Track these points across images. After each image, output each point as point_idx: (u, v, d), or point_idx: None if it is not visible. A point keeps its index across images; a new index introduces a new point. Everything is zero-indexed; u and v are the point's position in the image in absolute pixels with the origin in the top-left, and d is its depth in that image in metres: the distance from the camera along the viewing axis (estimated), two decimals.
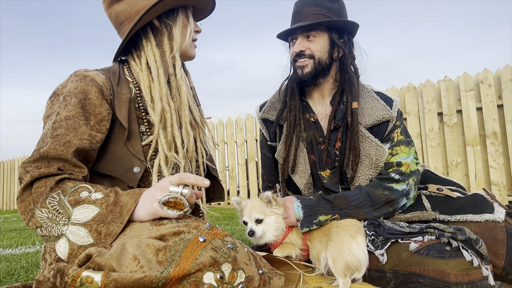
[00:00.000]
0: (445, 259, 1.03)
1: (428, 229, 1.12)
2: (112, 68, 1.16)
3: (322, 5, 1.41)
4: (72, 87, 1.04)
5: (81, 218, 0.87)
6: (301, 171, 1.48)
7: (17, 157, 9.91)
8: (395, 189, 1.31)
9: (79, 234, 0.86)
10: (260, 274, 0.80)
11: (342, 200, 1.31)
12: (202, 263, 0.72)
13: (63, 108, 1.01)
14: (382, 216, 1.32)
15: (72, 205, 0.88)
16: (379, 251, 1.15)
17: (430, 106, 4.43)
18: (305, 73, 1.43)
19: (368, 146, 1.38)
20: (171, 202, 0.90)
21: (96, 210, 0.88)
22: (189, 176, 0.93)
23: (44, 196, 0.90)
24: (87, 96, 1.03)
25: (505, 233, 1.11)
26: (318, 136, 1.48)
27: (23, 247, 2.60)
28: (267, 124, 1.60)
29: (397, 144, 1.40)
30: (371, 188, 1.33)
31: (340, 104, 1.47)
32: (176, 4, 1.14)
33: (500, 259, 1.09)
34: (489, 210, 1.19)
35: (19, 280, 1.59)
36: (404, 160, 1.36)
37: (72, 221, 0.87)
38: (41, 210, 0.89)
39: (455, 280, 1.00)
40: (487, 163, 4.17)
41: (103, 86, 1.07)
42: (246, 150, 5.94)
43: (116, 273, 0.70)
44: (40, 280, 0.76)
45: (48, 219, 0.88)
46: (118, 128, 1.08)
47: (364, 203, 1.30)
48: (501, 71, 4.14)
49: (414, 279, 1.06)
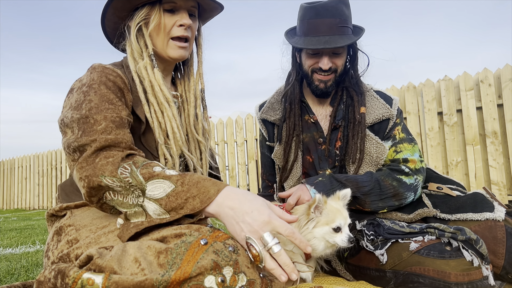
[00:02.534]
0: (445, 259, 1.03)
1: (429, 229, 1.12)
2: (124, 63, 1.14)
3: (343, 14, 1.37)
4: (95, 76, 1.01)
5: (155, 194, 0.84)
6: (293, 174, 1.49)
7: (17, 156, 9.91)
8: (403, 181, 1.32)
9: (154, 210, 0.85)
10: (262, 277, 0.80)
11: (352, 183, 1.30)
12: (203, 266, 0.72)
13: (94, 95, 0.98)
14: (386, 208, 1.32)
15: (146, 179, 0.85)
16: (379, 251, 1.15)
17: (430, 106, 4.43)
18: (328, 86, 1.44)
19: (368, 144, 1.40)
20: (250, 248, 0.78)
21: (172, 186, 0.85)
22: (297, 236, 0.81)
23: (114, 166, 0.85)
24: (115, 83, 1.02)
25: (505, 232, 1.11)
26: (318, 136, 1.49)
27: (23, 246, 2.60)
28: (266, 124, 1.61)
29: (399, 141, 1.41)
30: (382, 176, 1.33)
31: (340, 104, 1.48)
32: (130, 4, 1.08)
33: (500, 258, 1.09)
34: (489, 208, 1.19)
35: (19, 279, 1.59)
36: (410, 157, 1.38)
37: (146, 196, 0.84)
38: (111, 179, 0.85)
39: (455, 280, 1.00)
40: (487, 162, 4.17)
41: (123, 77, 1.06)
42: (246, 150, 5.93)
43: (117, 276, 0.70)
44: (41, 281, 0.76)
45: (121, 188, 0.85)
46: (134, 121, 1.07)
47: (373, 191, 1.30)
48: (501, 70, 4.14)
49: (414, 279, 1.06)
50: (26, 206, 9.44)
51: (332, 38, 1.35)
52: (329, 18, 1.36)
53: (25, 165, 9.59)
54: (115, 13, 1.11)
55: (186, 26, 1.10)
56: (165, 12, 1.09)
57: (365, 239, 1.22)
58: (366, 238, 1.22)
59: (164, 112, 1.08)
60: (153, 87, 1.08)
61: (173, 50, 1.12)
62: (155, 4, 1.08)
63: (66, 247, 0.93)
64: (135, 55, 1.11)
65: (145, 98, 1.08)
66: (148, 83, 1.08)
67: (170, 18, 1.10)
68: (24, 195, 9.56)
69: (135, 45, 1.10)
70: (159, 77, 1.08)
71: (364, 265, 1.20)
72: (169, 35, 1.10)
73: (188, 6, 1.11)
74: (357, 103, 1.42)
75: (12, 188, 9.96)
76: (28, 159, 9.52)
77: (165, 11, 1.09)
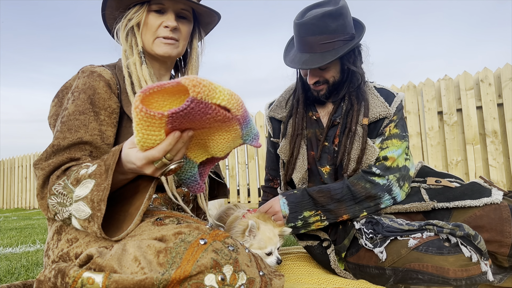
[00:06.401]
0: (443, 255, 1.04)
1: (427, 226, 1.13)
2: (118, 64, 1.17)
3: (328, 31, 1.33)
4: (80, 83, 1.05)
5: (81, 194, 0.87)
6: (299, 166, 1.50)
7: (17, 156, 9.91)
8: (376, 183, 1.32)
9: (80, 209, 0.86)
10: (261, 275, 0.80)
11: (325, 194, 1.34)
12: (203, 265, 0.72)
13: (72, 103, 1.02)
14: (365, 210, 1.32)
15: (74, 185, 0.88)
16: (378, 248, 1.16)
17: (430, 105, 4.43)
18: (320, 95, 1.46)
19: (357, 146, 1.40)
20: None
21: (93, 182, 0.86)
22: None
23: (51, 185, 0.91)
24: (96, 91, 1.04)
25: (510, 211, 1.12)
26: (319, 133, 1.51)
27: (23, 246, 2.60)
28: (272, 121, 1.65)
29: (388, 137, 1.39)
30: (354, 180, 1.35)
31: (341, 103, 1.48)
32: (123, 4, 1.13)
33: (508, 237, 1.10)
34: (486, 194, 1.20)
35: (20, 278, 1.59)
36: (391, 154, 1.36)
37: (74, 199, 0.87)
38: (51, 198, 0.90)
39: (454, 275, 1.01)
40: (487, 162, 4.17)
41: (110, 80, 1.08)
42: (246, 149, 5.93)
43: (117, 275, 0.70)
44: (41, 280, 0.77)
45: (58, 204, 0.89)
46: (126, 122, 1.09)
47: (346, 197, 1.32)
48: (501, 69, 4.14)
49: (413, 275, 1.07)
50: (26, 205, 9.45)
51: (312, 57, 1.34)
52: (310, 36, 1.34)
53: (25, 164, 9.59)
54: (112, 12, 1.16)
55: (170, 28, 1.12)
56: (152, 12, 1.13)
57: (364, 238, 1.23)
58: (365, 237, 1.23)
59: None
60: (140, 82, 1.12)
61: (158, 47, 1.15)
62: (144, 5, 1.12)
63: (66, 246, 0.93)
64: (127, 52, 1.15)
65: (132, 93, 1.10)
66: (135, 77, 1.12)
67: (157, 19, 1.12)
68: (24, 194, 9.56)
69: (123, 43, 1.15)
70: (146, 73, 1.12)
71: (364, 263, 1.21)
72: (155, 34, 1.14)
73: (177, 9, 1.13)
74: (356, 113, 1.41)
75: (12, 188, 9.96)
76: (28, 158, 9.52)
77: (152, 12, 1.13)
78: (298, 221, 1.34)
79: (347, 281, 1.21)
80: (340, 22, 1.34)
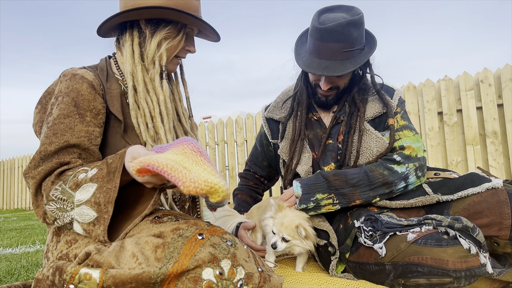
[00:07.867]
0: (442, 247, 1.04)
1: (426, 220, 1.14)
2: (99, 65, 1.16)
3: (351, 39, 1.33)
4: (62, 87, 1.04)
5: (82, 198, 0.87)
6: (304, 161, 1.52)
7: (17, 156, 9.92)
8: (395, 171, 1.33)
9: (84, 213, 0.86)
10: (260, 271, 0.80)
11: (341, 177, 1.34)
12: (201, 259, 0.72)
13: (56, 108, 1.01)
14: (378, 196, 1.33)
15: (73, 190, 0.88)
16: (378, 244, 1.16)
17: (430, 106, 4.43)
18: (329, 100, 1.48)
19: (368, 139, 1.42)
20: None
21: (95, 185, 0.87)
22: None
23: (47, 191, 0.91)
24: (79, 93, 1.03)
25: (507, 194, 1.14)
26: (322, 133, 1.52)
27: (23, 246, 2.60)
28: (270, 122, 1.66)
29: (398, 129, 1.43)
30: (372, 166, 1.36)
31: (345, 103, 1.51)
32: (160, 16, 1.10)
33: (507, 218, 1.10)
34: (486, 181, 1.22)
35: (20, 279, 1.59)
36: (407, 144, 1.39)
37: (76, 204, 0.87)
38: (50, 204, 0.90)
39: (453, 267, 1.01)
40: (487, 162, 4.17)
41: (94, 82, 1.07)
42: (246, 150, 5.94)
43: (115, 270, 0.70)
44: (39, 279, 0.77)
45: (58, 210, 0.89)
46: (114, 122, 1.09)
47: (362, 182, 1.33)
48: (501, 70, 4.14)
49: (413, 268, 1.07)
50: (26, 206, 9.45)
51: (333, 64, 1.35)
52: (333, 43, 1.34)
53: (25, 165, 9.60)
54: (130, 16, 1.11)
55: (192, 52, 1.23)
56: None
57: (363, 235, 1.23)
58: (365, 234, 1.23)
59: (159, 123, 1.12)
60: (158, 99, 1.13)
61: (172, 65, 1.22)
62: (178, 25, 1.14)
63: (65, 247, 0.93)
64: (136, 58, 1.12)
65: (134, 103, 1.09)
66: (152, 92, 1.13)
67: (185, 42, 1.19)
68: (24, 195, 9.57)
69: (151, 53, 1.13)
70: (166, 90, 1.15)
71: (364, 261, 1.21)
72: (176, 53, 1.19)
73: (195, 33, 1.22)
74: (362, 114, 1.44)
75: (12, 188, 9.97)
76: (28, 159, 9.52)
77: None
78: (310, 203, 1.33)
79: (347, 282, 1.21)
80: (360, 31, 1.37)
